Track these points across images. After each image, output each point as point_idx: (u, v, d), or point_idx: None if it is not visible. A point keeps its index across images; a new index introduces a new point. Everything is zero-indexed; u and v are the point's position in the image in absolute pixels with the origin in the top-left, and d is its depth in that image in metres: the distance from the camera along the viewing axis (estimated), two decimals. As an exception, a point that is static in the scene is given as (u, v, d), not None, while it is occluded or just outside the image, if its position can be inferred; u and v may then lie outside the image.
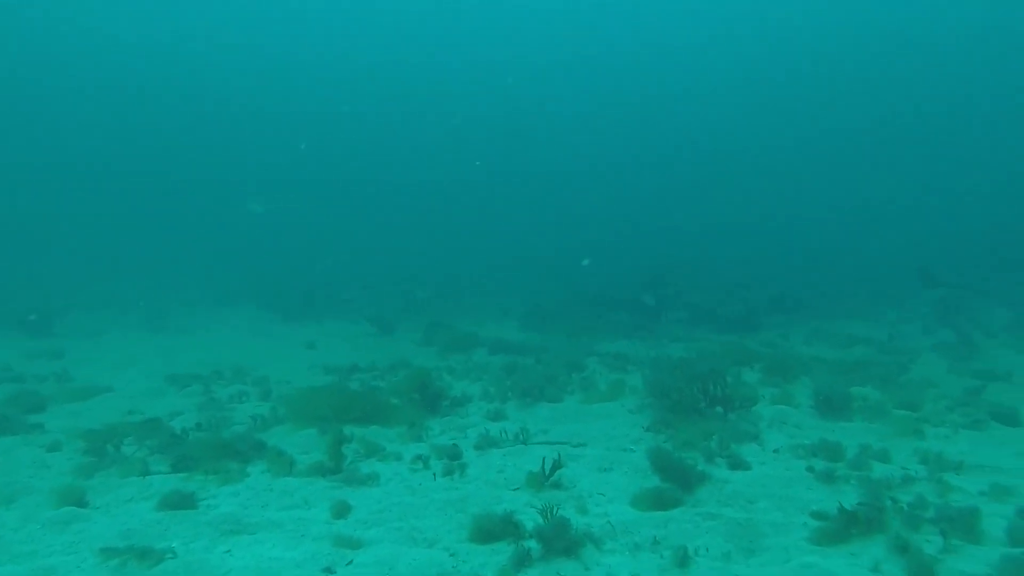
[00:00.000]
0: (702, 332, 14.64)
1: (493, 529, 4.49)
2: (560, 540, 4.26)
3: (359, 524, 4.75)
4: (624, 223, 37.83)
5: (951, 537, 4.23)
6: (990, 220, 29.28)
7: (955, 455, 6.14)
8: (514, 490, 5.49)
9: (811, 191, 45.41)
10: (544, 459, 5.73)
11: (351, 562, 4.18)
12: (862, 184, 44.20)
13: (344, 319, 20.09)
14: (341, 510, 4.99)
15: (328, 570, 4.10)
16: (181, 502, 5.12)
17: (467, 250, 34.61)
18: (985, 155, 42.88)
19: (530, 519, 4.62)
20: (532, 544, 4.29)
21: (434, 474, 5.92)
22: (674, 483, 5.31)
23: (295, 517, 4.86)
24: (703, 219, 37.52)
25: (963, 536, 4.30)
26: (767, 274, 21.20)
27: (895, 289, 18.05)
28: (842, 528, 4.34)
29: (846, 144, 49.51)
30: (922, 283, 14.05)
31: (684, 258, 22.90)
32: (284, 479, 5.75)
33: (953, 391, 8.69)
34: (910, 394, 8.37)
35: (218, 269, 29.89)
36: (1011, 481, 5.42)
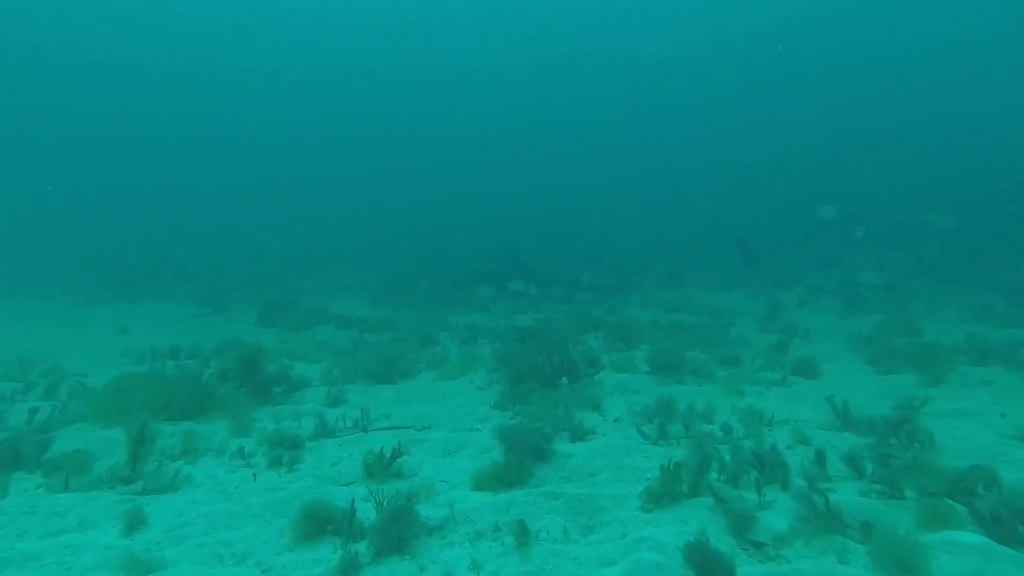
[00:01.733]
0: (550, 301, 15.00)
1: (318, 533, 4.03)
2: (394, 538, 3.91)
3: (152, 544, 4.01)
4: (473, 200, 38.07)
5: (765, 490, 4.54)
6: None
7: (767, 410, 6.74)
8: (348, 484, 5.04)
9: (654, 169, 48.85)
10: (383, 447, 5.33)
11: (137, 595, 3.49)
12: (702, 162, 48.36)
13: (169, 300, 17.86)
14: (131, 528, 4.20)
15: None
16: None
17: (317, 229, 32.70)
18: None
19: (365, 516, 4.22)
20: (361, 547, 3.90)
21: (254, 474, 5.25)
22: (518, 463, 5.18)
23: (62, 545, 3.98)
24: (550, 197, 38.88)
25: (776, 488, 4.65)
26: (617, 247, 22.41)
27: (724, 261, 19.90)
28: (669, 492, 4.48)
29: (688, 123, 53.66)
30: (741, 256, 15.59)
31: (532, 234, 23.45)
32: (58, 496, 4.75)
33: (762, 350, 9.63)
34: (731, 353, 9.11)
35: (13, 250, 25.33)
36: (808, 432, 6.04)
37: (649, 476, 4.99)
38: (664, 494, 4.51)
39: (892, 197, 28.48)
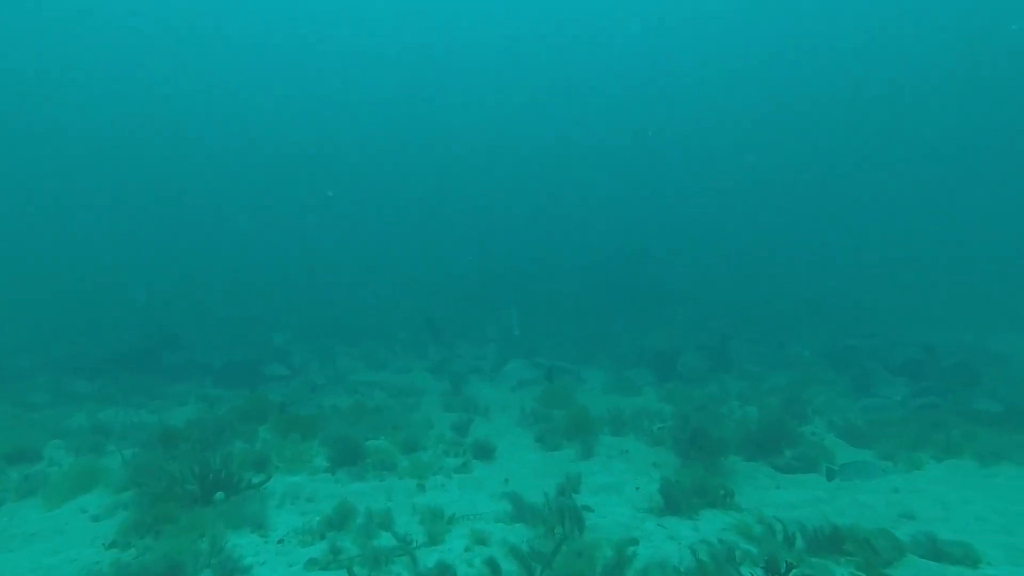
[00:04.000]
0: (214, 385, 12.89)
1: None
2: None
3: None
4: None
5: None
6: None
7: (447, 506, 6.52)
8: None
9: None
10: None
11: None
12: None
13: None
14: None
15: None
16: None
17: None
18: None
19: None
20: None
21: None
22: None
23: None
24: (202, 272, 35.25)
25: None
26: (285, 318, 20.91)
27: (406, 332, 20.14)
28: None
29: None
30: (429, 331, 15.99)
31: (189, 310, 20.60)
32: None
33: (448, 431, 9.65)
34: (414, 437, 8.84)
35: None
36: (486, 527, 5.97)
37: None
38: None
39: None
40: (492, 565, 4.96)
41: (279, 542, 5.68)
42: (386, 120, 55.34)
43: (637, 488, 7.22)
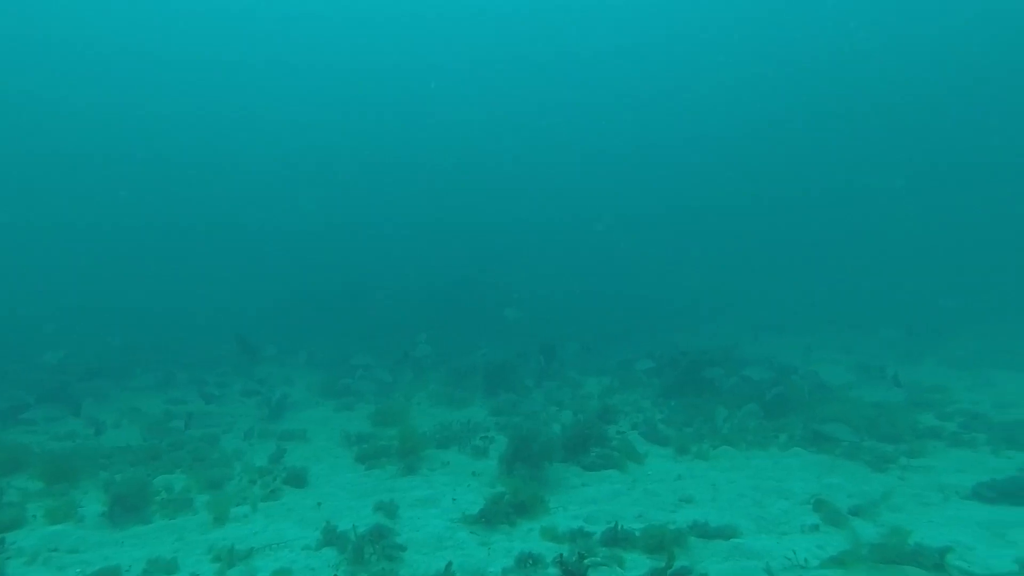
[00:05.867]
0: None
1: None
2: None
3: None
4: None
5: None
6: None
7: (249, 538, 6.03)
8: None
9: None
10: None
11: None
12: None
13: None
14: None
15: None
16: None
17: None
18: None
19: None
20: None
21: None
22: None
23: None
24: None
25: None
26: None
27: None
28: None
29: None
30: (241, 351, 14.74)
31: None
32: None
33: (258, 459, 8.96)
34: (218, 472, 8.09)
35: None
36: (291, 556, 5.62)
37: None
38: None
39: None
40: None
41: (26, 607, 4.82)
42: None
43: (454, 499, 7.29)
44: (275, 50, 47.97)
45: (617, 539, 5.81)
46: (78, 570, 5.23)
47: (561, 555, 5.27)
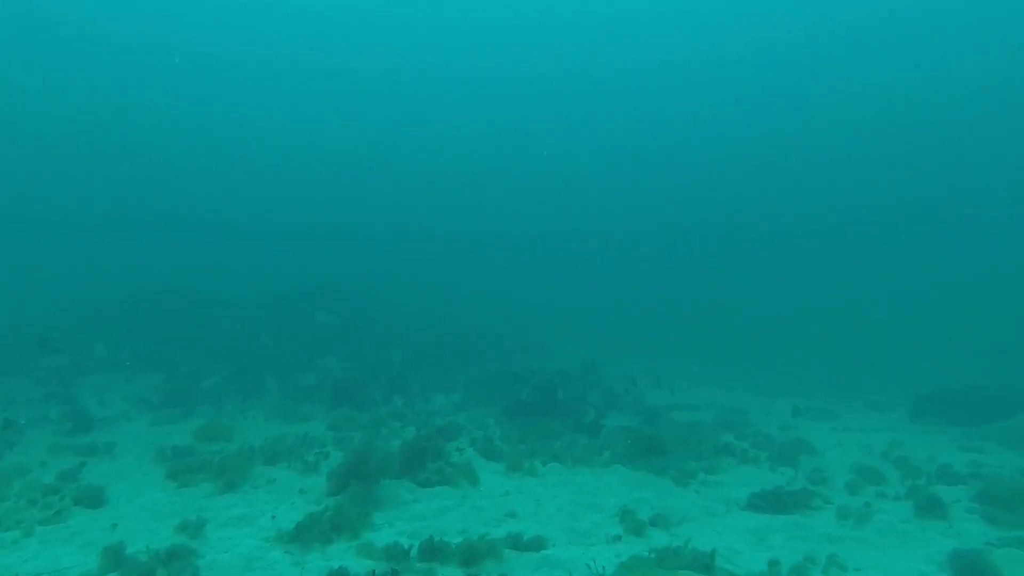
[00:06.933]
0: None
1: None
2: None
3: None
4: None
5: None
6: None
7: (15, 566, 5.30)
8: None
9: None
10: None
11: None
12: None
13: None
14: None
15: None
16: None
17: None
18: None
19: None
20: None
21: None
22: None
23: None
24: None
25: None
26: None
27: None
28: None
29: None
30: (40, 351, 12.93)
31: None
32: None
33: (48, 476, 7.92)
34: (-7, 490, 7.03)
35: None
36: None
37: None
38: None
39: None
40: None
41: None
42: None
43: (273, 517, 6.95)
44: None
45: (434, 553, 5.91)
46: None
47: (374, 571, 5.25)
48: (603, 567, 5.69)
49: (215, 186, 47.34)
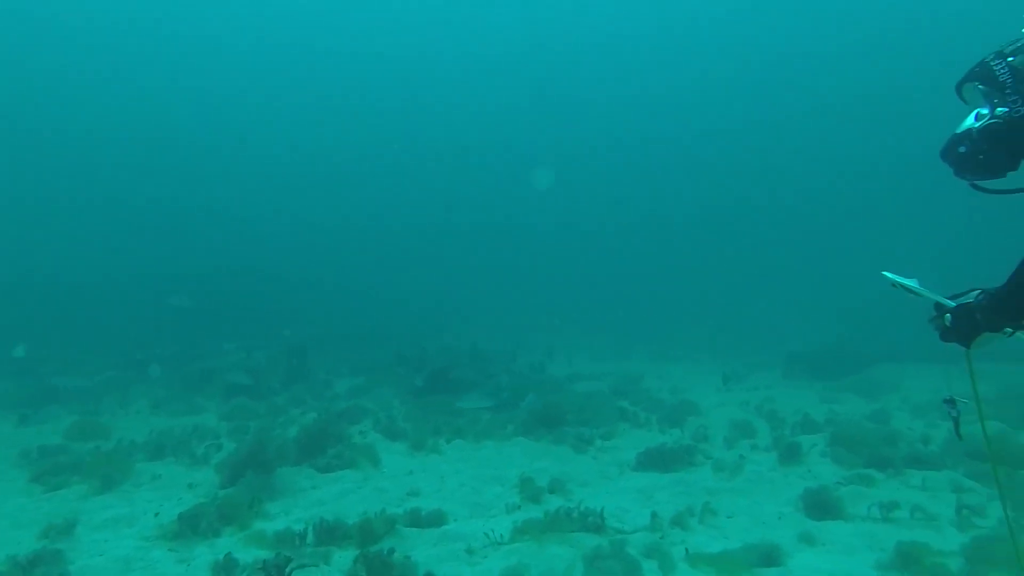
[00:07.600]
0: None
1: None
2: None
3: None
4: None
5: None
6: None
7: None
8: None
9: None
10: None
11: None
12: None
13: None
14: None
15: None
16: None
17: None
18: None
19: None
20: None
21: None
22: None
23: None
24: None
25: None
26: None
27: None
28: None
29: None
30: None
31: None
32: None
33: None
34: None
35: None
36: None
37: None
38: None
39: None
40: None
41: None
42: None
43: (157, 514, 6.57)
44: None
45: (331, 535, 5.83)
46: None
47: (264, 560, 5.11)
48: (500, 535, 5.87)
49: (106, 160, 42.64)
